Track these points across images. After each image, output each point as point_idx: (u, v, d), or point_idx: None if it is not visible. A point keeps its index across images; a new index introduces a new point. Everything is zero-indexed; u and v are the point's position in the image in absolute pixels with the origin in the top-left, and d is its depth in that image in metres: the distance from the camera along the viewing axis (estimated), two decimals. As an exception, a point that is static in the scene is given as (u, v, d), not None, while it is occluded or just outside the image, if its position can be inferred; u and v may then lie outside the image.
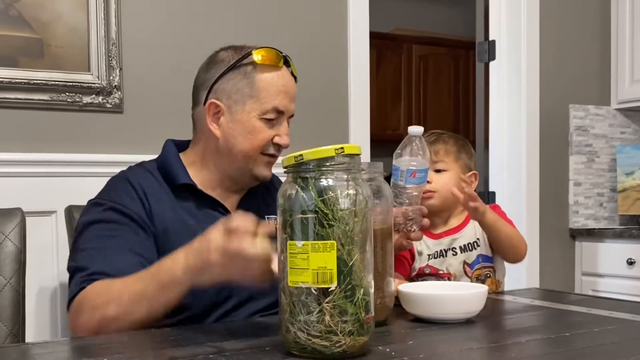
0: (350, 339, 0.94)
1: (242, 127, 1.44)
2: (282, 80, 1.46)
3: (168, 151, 1.52)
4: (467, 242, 1.64)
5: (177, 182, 1.45)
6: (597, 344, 1.08)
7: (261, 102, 1.43)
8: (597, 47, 3.15)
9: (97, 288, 1.28)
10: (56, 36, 1.98)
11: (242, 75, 1.44)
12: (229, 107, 1.44)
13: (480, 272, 1.62)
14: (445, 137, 1.71)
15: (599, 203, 3.17)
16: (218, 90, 1.45)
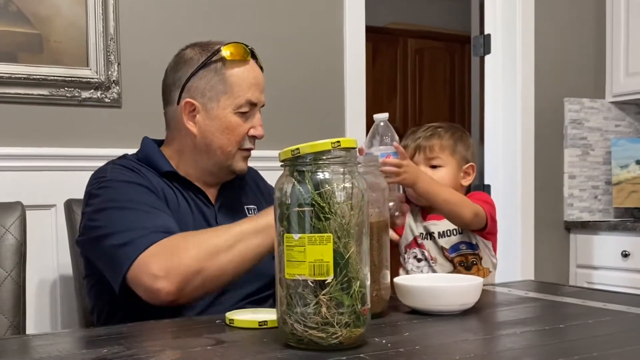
0: (347, 331, 0.95)
1: (218, 123, 1.47)
2: (252, 73, 1.49)
3: (148, 145, 1.55)
4: (447, 229, 1.66)
5: (162, 170, 1.48)
6: (591, 335, 1.10)
7: (235, 96, 1.47)
8: (592, 40, 3.16)
9: (188, 234, 1.29)
10: (55, 31, 1.99)
11: (213, 72, 1.47)
12: (204, 104, 1.47)
13: (463, 258, 1.64)
14: (441, 132, 1.71)
15: (594, 196, 3.19)
16: (191, 89, 1.48)
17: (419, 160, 1.68)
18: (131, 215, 1.33)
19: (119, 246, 1.30)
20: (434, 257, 1.65)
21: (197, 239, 1.29)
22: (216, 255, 1.26)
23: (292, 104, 2.41)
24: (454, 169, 1.69)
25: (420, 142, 1.69)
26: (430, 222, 1.68)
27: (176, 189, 1.49)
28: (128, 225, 1.31)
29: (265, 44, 2.36)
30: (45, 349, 1.04)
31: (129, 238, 1.29)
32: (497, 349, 1.02)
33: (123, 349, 1.00)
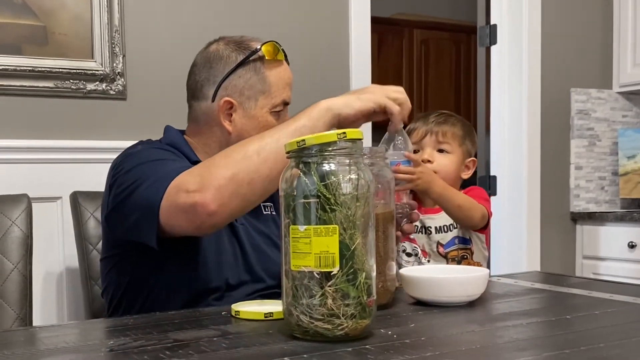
0: (352, 322, 0.95)
1: (255, 123, 1.47)
2: (287, 73, 1.52)
3: (174, 134, 1.53)
4: (443, 224, 1.66)
5: (191, 159, 1.46)
6: (598, 326, 1.09)
7: (272, 96, 1.48)
8: (599, 30, 3.15)
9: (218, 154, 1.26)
10: (60, 24, 1.99)
11: (253, 71, 1.47)
12: (242, 103, 1.47)
13: (456, 253, 1.65)
14: (454, 120, 1.73)
15: (601, 187, 3.18)
16: (229, 87, 1.47)
17: (427, 143, 1.70)
18: (157, 165, 1.30)
19: (148, 187, 1.26)
20: (427, 252, 1.65)
21: (225, 152, 1.26)
22: (247, 159, 1.23)
23: (297, 95, 2.39)
24: (459, 159, 1.70)
25: (432, 127, 1.71)
26: (426, 216, 1.68)
27: None
28: (155, 172, 1.28)
29: (271, 34, 2.34)
30: (52, 341, 1.05)
31: (156, 177, 1.26)
32: (503, 340, 1.02)
33: (129, 340, 1.00)
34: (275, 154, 1.23)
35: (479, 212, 1.62)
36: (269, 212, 1.56)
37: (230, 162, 1.23)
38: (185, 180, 1.22)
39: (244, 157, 1.23)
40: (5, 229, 1.59)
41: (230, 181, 1.21)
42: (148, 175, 1.28)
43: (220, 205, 1.21)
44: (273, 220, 1.55)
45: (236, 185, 1.22)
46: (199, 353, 0.93)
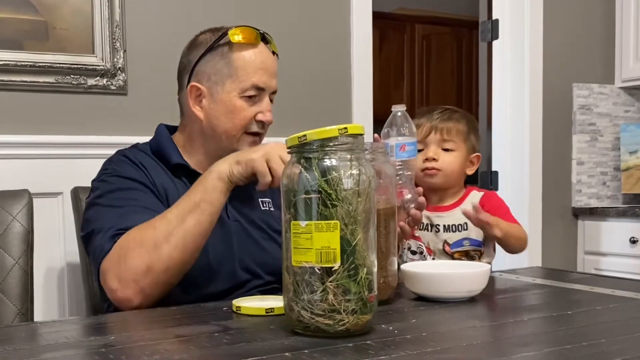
0: (354, 318, 0.95)
1: (223, 108, 1.45)
2: (260, 57, 1.47)
3: (161, 134, 1.54)
4: (453, 224, 1.65)
5: (172, 162, 1.48)
6: (599, 322, 1.09)
7: (240, 80, 1.44)
8: (601, 25, 3.14)
9: (133, 230, 1.28)
10: (61, 18, 1.98)
11: (220, 56, 1.46)
12: (210, 88, 1.46)
13: (463, 254, 1.64)
14: (458, 116, 1.71)
15: (602, 182, 3.18)
16: (198, 73, 1.47)
17: (432, 141, 1.67)
18: (107, 213, 1.34)
19: (92, 249, 1.33)
20: (432, 249, 1.64)
21: (139, 234, 1.27)
22: (158, 248, 1.24)
23: (298, 91, 2.40)
24: (463, 156, 1.69)
25: (437, 123, 1.68)
26: (435, 214, 1.66)
27: (183, 183, 1.47)
28: (103, 225, 1.32)
29: (271, 29, 2.34)
30: (53, 336, 1.05)
31: (98, 242, 1.31)
32: (504, 336, 1.02)
33: (130, 335, 1.00)
34: (183, 239, 1.26)
35: (526, 239, 1.65)
36: (267, 208, 1.55)
37: (143, 252, 1.24)
38: (107, 275, 1.27)
39: (154, 247, 1.25)
40: (6, 224, 1.59)
41: (147, 274, 1.24)
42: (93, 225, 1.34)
43: (143, 297, 1.25)
44: (271, 216, 1.55)
45: (153, 276, 1.25)
46: (200, 348, 0.93)
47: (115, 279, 1.25)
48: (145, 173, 1.44)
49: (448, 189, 1.70)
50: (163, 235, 1.25)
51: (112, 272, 1.26)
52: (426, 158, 1.67)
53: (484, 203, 1.67)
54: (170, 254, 1.25)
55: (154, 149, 1.52)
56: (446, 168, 1.66)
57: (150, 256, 1.24)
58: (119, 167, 1.45)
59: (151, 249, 1.24)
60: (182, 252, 1.26)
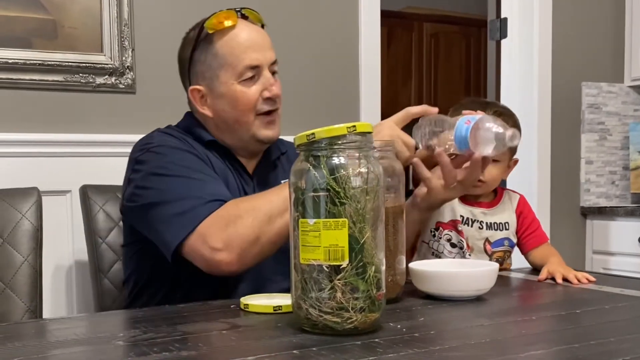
0: (362, 316, 0.95)
1: (227, 100, 1.44)
2: (244, 35, 1.43)
3: (190, 118, 1.54)
4: (496, 222, 1.61)
5: (204, 139, 1.47)
6: (607, 321, 1.09)
7: (232, 67, 1.41)
8: (611, 23, 3.13)
9: (241, 200, 1.29)
10: (69, 17, 1.99)
11: (205, 51, 1.44)
12: (208, 86, 1.45)
13: (501, 254, 1.61)
14: (511, 123, 1.58)
15: (611, 181, 3.16)
16: (193, 74, 1.47)
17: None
18: (182, 183, 1.32)
19: (174, 215, 1.29)
20: (471, 246, 1.60)
21: (252, 205, 1.27)
22: (272, 221, 1.25)
23: (307, 89, 2.40)
24: (505, 164, 1.62)
25: None
26: (480, 210, 1.61)
27: (219, 158, 1.47)
28: (181, 194, 1.30)
29: (280, 28, 2.35)
30: (62, 333, 1.05)
31: (183, 208, 1.28)
32: (512, 335, 1.02)
33: (139, 332, 1.00)
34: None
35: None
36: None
37: (256, 223, 1.25)
38: (210, 234, 1.25)
39: (268, 219, 1.25)
40: (16, 222, 1.60)
41: (255, 244, 1.25)
42: (168, 195, 1.31)
43: (242, 264, 1.26)
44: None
45: (260, 247, 1.26)
46: (208, 346, 0.93)
47: (221, 241, 1.24)
48: (188, 144, 1.43)
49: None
50: (278, 211, 1.25)
51: (217, 235, 1.24)
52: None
53: (522, 208, 1.64)
54: (281, 229, 1.25)
55: (184, 130, 1.50)
56: (490, 181, 1.59)
57: (262, 227, 1.25)
58: (164, 140, 1.43)
59: (265, 220, 1.25)
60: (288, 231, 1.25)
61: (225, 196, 1.31)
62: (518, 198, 1.67)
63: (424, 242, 1.62)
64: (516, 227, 1.63)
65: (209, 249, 1.25)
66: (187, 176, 1.33)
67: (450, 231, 1.59)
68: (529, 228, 1.63)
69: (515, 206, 1.64)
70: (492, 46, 3.15)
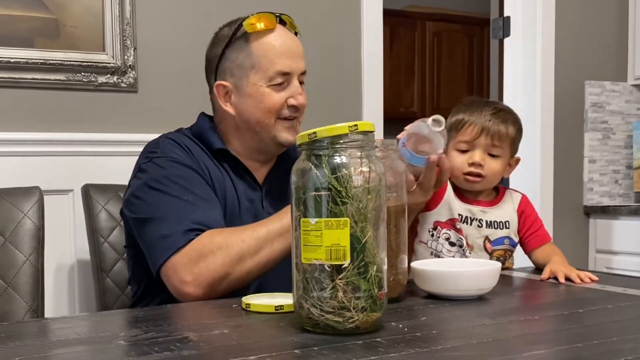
0: (363, 315, 0.95)
1: (252, 100, 1.44)
2: (280, 41, 1.44)
3: (203, 121, 1.55)
4: (495, 220, 1.60)
5: (214, 147, 1.47)
6: (610, 320, 1.09)
7: (263, 69, 1.42)
8: (614, 22, 3.12)
9: (217, 234, 1.29)
10: (71, 16, 1.99)
11: (239, 49, 1.44)
12: (235, 84, 1.45)
13: (502, 252, 1.60)
14: (512, 120, 1.62)
15: (614, 180, 3.16)
16: (222, 70, 1.47)
17: (480, 144, 1.58)
18: (172, 203, 1.34)
19: (157, 238, 1.32)
20: (471, 244, 1.60)
21: (225, 242, 1.28)
22: (242, 260, 1.27)
23: (309, 88, 2.38)
24: (506, 161, 1.61)
25: (489, 125, 1.58)
26: (479, 208, 1.60)
27: (224, 169, 1.47)
28: (167, 215, 1.32)
29: (282, 27, 2.35)
30: (64, 332, 1.05)
31: (166, 231, 1.31)
32: (514, 334, 1.02)
33: (140, 332, 1.00)
34: (267, 260, 1.29)
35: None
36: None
37: (227, 261, 1.26)
38: (181, 267, 1.27)
39: (239, 259, 1.27)
40: (17, 221, 1.60)
41: (223, 280, 1.27)
42: (158, 213, 1.34)
43: (210, 297, 1.27)
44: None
45: (228, 283, 1.28)
46: (210, 345, 0.93)
47: (190, 274, 1.26)
48: (193, 157, 1.44)
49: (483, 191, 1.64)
50: (250, 251, 1.28)
51: (187, 268, 1.27)
52: (472, 162, 1.58)
53: (524, 207, 1.64)
54: (251, 269, 1.28)
55: (195, 134, 1.51)
56: (489, 176, 1.58)
57: (233, 267, 1.27)
58: (169, 150, 1.44)
59: (235, 260, 1.27)
60: (260, 270, 1.30)
61: (209, 223, 1.32)
62: (520, 197, 1.66)
63: (422, 242, 1.62)
64: (517, 227, 1.62)
65: (179, 281, 1.28)
66: (179, 197, 1.35)
67: (448, 230, 1.59)
68: (531, 227, 1.63)
69: (516, 205, 1.64)
70: (494, 45, 3.14)
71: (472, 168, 1.58)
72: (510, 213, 1.62)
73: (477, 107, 1.62)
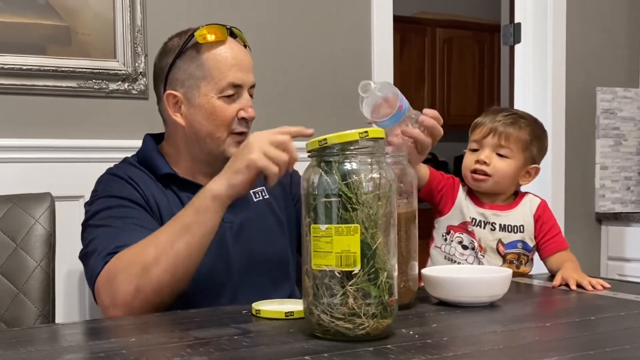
0: (374, 322, 0.95)
1: (203, 111, 1.43)
2: (231, 53, 1.44)
3: (147, 145, 1.53)
4: (509, 224, 1.60)
5: (160, 172, 1.46)
6: (622, 327, 1.08)
7: (215, 81, 1.41)
8: (625, 28, 3.11)
9: (124, 252, 1.27)
10: (83, 24, 2.00)
11: (190, 59, 1.43)
12: (186, 94, 1.44)
13: (515, 256, 1.60)
14: (524, 123, 1.62)
15: (627, 187, 3.14)
16: (172, 80, 1.45)
17: (488, 143, 1.61)
18: (102, 234, 1.34)
19: (88, 269, 1.34)
20: (484, 247, 1.59)
21: (129, 259, 1.26)
22: (147, 271, 1.23)
23: (318, 95, 2.40)
24: (518, 165, 1.61)
25: (497, 126, 1.60)
26: (491, 212, 1.61)
27: (173, 192, 1.46)
28: (97, 245, 1.32)
29: (292, 33, 2.35)
30: (75, 338, 1.06)
31: (92, 260, 1.31)
32: (526, 341, 1.01)
33: (151, 338, 1.00)
34: (174, 262, 1.24)
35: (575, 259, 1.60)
36: (260, 198, 1.53)
37: (132, 275, 1.24)
38: (100, 293, 1.28)
39: (143, 270, 1.23)
40: (29, 227, 1.61)
41: (136, 296, 1.24)
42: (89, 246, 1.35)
43: (134, 315, 1.24)
44: (267, 205, 1.53)
45: (143, 297, 1.24)
46: (220, 351, 0.93)
47: (107, 298, 1.26)
48: (136, 188, 1.43)
49: (499, 193, 1.64)
50: (152, 259, 1.24)
51: (103, 291, 1.27)
52: (477, 160, 1.61)
53: (541, 213, 1.64)
54: (160, 277, 1.24)
55: (141, 161, 1.50)
56: (496, 174, 1.59)
57: (139, 279, 1.23)
58: (109, 186, 1.44)
59: (140, 272, 1.23)
60: (172, 274, 1.25)
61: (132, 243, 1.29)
62: (538, 202, 1.66)
63: (437, 246, 1.62)
64: (534, 232, 1.62)
65: (102, 305, 1.28)
66: (109, 225, 1.35)
67: (461, 233, 1.60)
68: (548, 234, 1.63)
69: (534, 210, 1.64)
70: (505, 51, 3.13)
71: (477, 166, 1.60)
72: (526, 217, 1.62)
73: (495, 111, 1.66)
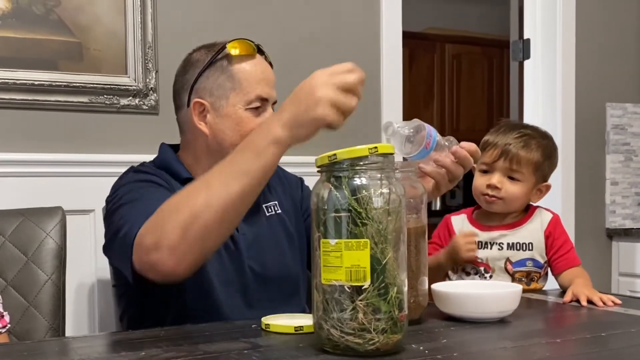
0: (384, 337, 0.94)
1: (229, 121, 1.44)
2: (260, 68, 1.46)
3: (166, 152, 1.54)
4: (517, 242, 1.60)
5: (181, 176, 1.46)
6: (633, 344, 1.07)
7: (244, 92, 1.43)
8: (635, 43, 3.10)
9: (171, 198, 1.22)
10: (95, 40, 2.02)
11: (220, 70, 1.45)
12: (213, 103, 1.45)
13: (524, 274, 1.59)
14: (536, 145, 1.61)
15: (637, 202, 3.13)
16: (199, 89, 1.46)
17: (499, 167, 1.59)
18: (132, 208, 1.31)
19: (121, 237, 1.28)
20: (492, 266, 1.59)
21: (176, 201, 1.22)
22: (196, 216, 1.18)
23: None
24: (530, 186, 1.61)
25: (510, 149, 1.58)
26: (498, 232, 1.61)
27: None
28: (128, 218, 1.29)
29: (301, 49, 2.36)
30: (85, 351, 1.06)
31: (127, 227, 1.27)
32: (536, 357, 1.00)
33: (160, 351, 1.00)
34: (224, 204, 1.18)
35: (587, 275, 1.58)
36: (272, 212, 1.53)
37: (180, 218, 1.18)
38: (142, 236, 1.22)
39: (191, 214, 1.18)
40: (40, 240, 1.62)
41: (182, 240, 1.18)
42: (125, 220, 1.30)
43: (176, 263, 1.19)
44: (279, 220, 1.53)
45: (188, 242, 1.18)
46: (229, 366, 0.93)
47: (152, 240, 1.19)
48: (162, 180, 1.43)
49: (509, 213, 1.64)
50: (203, 202, 1.18)
51: (148, 234, 1.21)
52: (489, 184, 1.60)
53: (552, 229, 1.62)
54: (208, 221, 1.18)
55: (160, 167, 1.50)
56: (508, 198, 1.59)
57: (187, 222, 1.17)
58: (134, 177, 1.44)
59: (188, 214, 1.18)
60: (222, 219, 1.19)
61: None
62: (550, 218, 1.65)
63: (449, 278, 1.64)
64: (545, 249, 1.61)
65: (144, 253, 1.20)
66: (137, 199, 1.32)
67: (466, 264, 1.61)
68: (560, 250, 1.61)
69: (545, 226, 1.63)
70: (514, 67, 3.13)
71: (489, 190, 1.59)
72: (536, 234, 1.61)
73: (505, 130, 1.64)
